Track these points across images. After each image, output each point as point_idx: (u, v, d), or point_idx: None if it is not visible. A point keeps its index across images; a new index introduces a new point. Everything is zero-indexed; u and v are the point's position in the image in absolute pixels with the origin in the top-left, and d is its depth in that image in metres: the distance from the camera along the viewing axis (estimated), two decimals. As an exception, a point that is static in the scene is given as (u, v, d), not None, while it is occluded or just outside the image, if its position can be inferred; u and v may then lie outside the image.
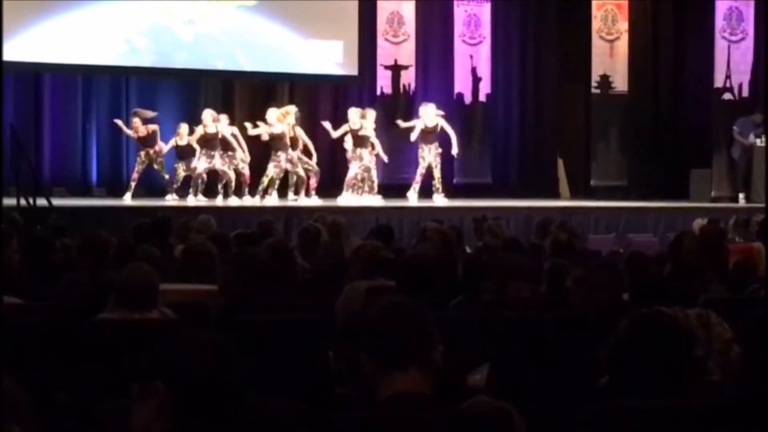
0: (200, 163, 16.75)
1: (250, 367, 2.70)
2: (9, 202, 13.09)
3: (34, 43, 17.05)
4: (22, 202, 13.19)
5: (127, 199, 16.65)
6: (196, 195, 16.67)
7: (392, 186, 18.07)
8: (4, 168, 13.96)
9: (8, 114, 16.51)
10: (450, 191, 19.05)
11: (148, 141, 17.02)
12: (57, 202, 14.30)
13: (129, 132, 17.14)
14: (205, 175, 16.77)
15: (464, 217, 14.75)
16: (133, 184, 17.01)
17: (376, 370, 3.11)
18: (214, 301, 6.65)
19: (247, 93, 19.03)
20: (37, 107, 18.05)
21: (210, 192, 16.87)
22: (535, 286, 6.93)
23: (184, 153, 17.07)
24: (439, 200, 17.29)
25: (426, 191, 17.45)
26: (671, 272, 6.93)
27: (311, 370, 5.65)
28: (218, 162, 16.72)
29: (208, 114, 16.83)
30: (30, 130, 17.51)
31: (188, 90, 19.02)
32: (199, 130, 16.75)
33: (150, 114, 17.23)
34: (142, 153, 17.00)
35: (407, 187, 17.50)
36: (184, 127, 17.12)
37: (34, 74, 17.92)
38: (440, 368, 3.10)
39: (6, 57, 15.76)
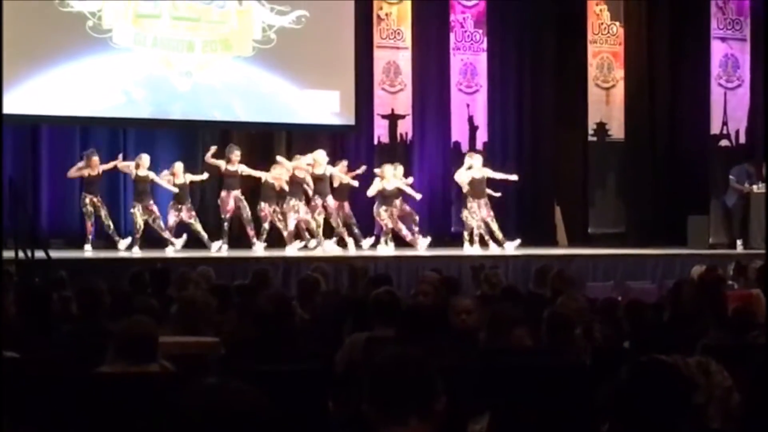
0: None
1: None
2: (7, 254, 13.06)
3: (32, 96, 17.05)
4: (20, 254, 13.15)
5: (89, 251, 16.27)
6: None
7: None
8: (3, 220, 13.94)
9: (6, 166, 16.50)
10: (448, 239, 19.09)
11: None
12: (54, 254, 14.26)
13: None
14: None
15: (462, 266, 14.73)
16: (90, 236, 16.57)
17: (377, 420, 3.10)
18: (215, 353, 6.65)
19: (244, 143, 19.03)
20: (35, 159, 18.02)
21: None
22: (533, 334, 6.92)
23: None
24: (510, 247, 17.57)
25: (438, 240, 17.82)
26: (670, 319, 6.94)
27: (311, 420, 5.63)
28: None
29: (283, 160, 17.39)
30: (28, 182, 17.48)
31: (186, 140, 19.02)
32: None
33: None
34: (87, 200, 16.66)
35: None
36: (179, 166, 17.13)
37: (31, 126, 17.93)
38: (442, 418, 3.09)
39: (3, 110, 15.75)
